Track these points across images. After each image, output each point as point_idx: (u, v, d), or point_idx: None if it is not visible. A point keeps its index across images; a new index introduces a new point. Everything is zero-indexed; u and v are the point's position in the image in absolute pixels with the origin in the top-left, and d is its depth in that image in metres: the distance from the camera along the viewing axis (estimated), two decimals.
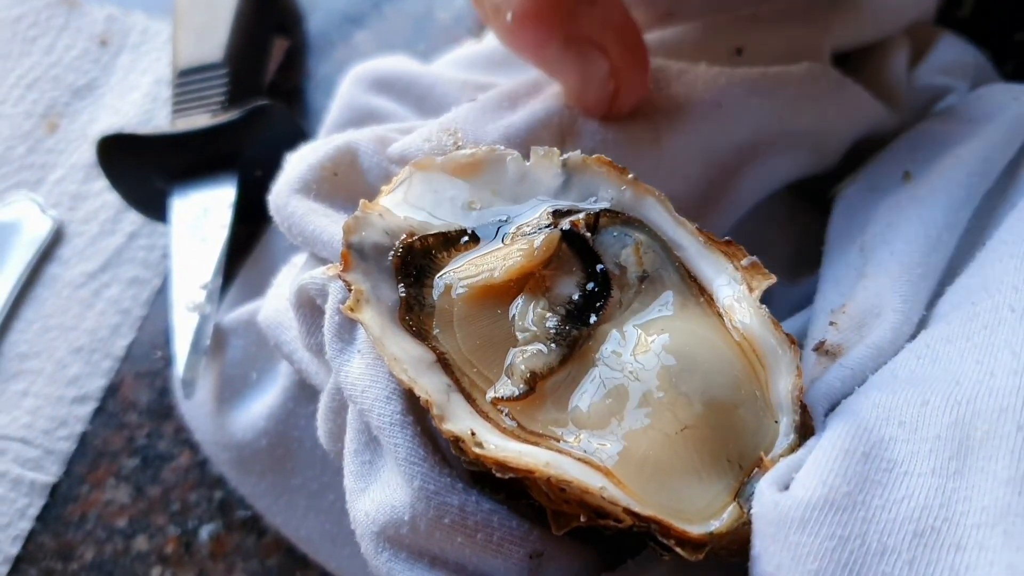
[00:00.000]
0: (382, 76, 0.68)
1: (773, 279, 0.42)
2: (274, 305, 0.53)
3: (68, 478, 0.64)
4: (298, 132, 0.68)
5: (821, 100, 0.52)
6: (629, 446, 0.38)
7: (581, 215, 0.44)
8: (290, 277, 0.54)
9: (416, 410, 0.41)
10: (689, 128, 0.50)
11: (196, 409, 0.60)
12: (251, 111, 0.64)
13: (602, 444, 0.38)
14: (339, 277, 0.42)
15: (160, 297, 0.70)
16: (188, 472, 0.63)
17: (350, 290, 0.41)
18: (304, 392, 0.56)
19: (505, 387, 0.40)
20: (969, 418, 0.36)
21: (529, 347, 0.41)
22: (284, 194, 0.49)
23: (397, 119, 0.65)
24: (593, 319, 0.42)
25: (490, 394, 0.40)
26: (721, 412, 0.39)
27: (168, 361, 0.66)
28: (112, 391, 0.66)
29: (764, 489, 0.37)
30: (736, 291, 0.42)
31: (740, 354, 0.41)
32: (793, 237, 0.56)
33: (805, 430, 0.39)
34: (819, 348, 0.43)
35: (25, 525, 0.62)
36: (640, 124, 0.50)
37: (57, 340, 0.68)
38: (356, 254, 0.42)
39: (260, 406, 0.58)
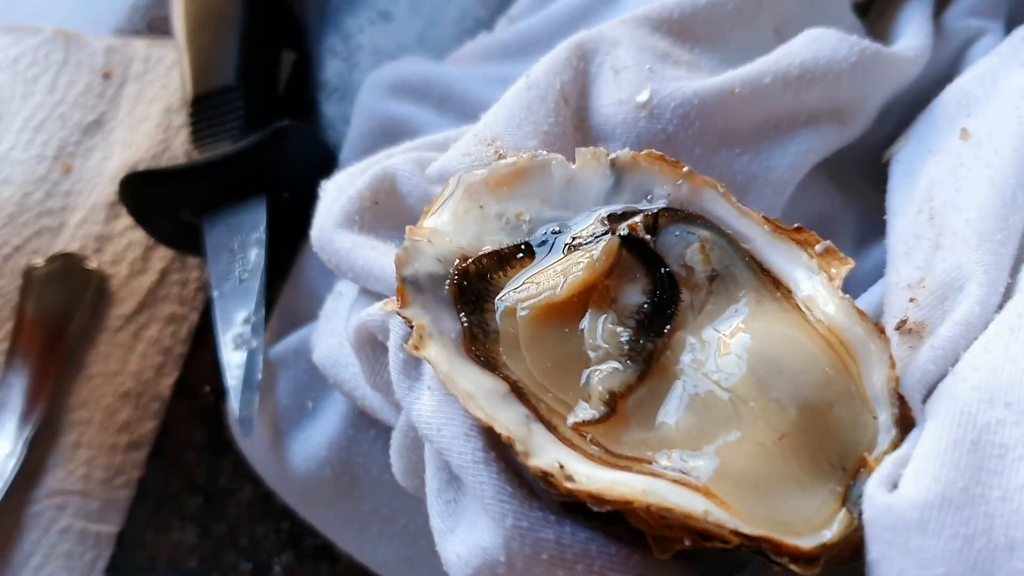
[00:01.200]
0: (399, 80, 0.67)
1: (852, 264, 0.41)
2: (326, 342, 0.52)
3: (132, 524, 0.64)
4: (322, 149, 0.68)
5: (832, 69, 0.50)
6: (725, 462, 0.37)
7: (639, 217, 0.43)
8: (337, 309, 0.54)
9: (497, 445, 0.40)
10: (703, 118, 0.49)
11: (255, 445, 0.60)
12: (273, 133, 0.63)
13: (696, 463, 0.37)
14: (398, 314, 0.41)
15: (200, 332, 0.69)
16: (253, 505, 0.63)
17: (411, 327, 0.40)
18: (364, 418, 0.56)
19: (584, 411, 0.39)
20: None
21: (604, 366, 0.40)
22: (327, 230, 0.49)
23: (420, 123, 0.65)
24: (667, 328, 0.41)
25: (571, 419, 0.39)
26: (816, 414, 0.38)
27: (217, 395, 0.66)
28: (165, 432, 0.66)
29: (873, 492, 0.36)
30: (815, 281, 0.41)
31: (827, 348, 0.40)
32: (852, 209, 0.54)
33: (905, 422, 0.38)
34: (901, 327, 0.42)
35: None
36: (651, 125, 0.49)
37: (102, 387, 0.67)
38: (412, 287, 0.42)
39: (320, 435, 0.58)
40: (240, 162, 0.63)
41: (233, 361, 0.60)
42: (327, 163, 0.65)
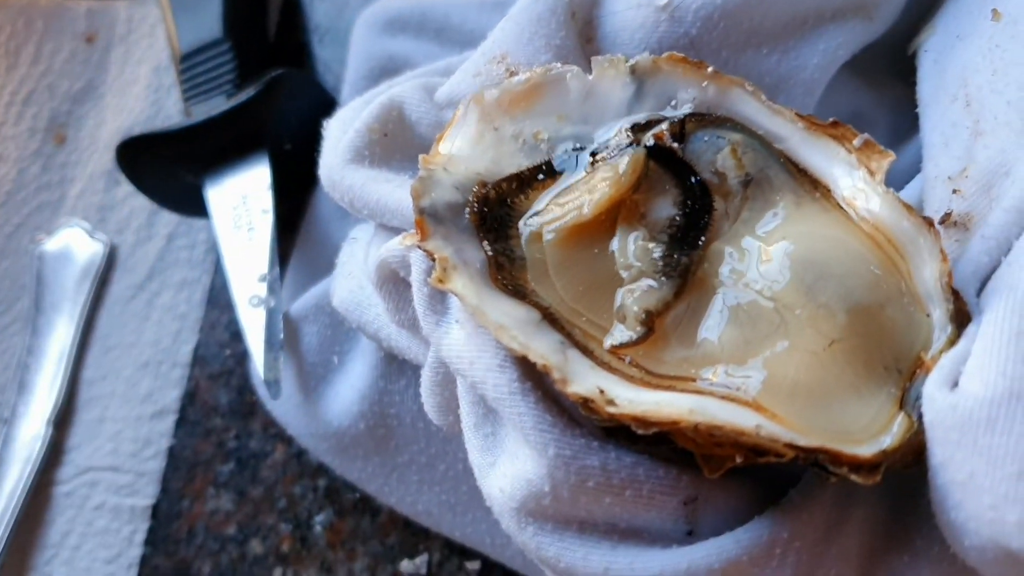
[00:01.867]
0: (392, 16, 0.65)
1: (893, 156, 0.39)
2: (346, 286, 0.52)
3: (167, 496, 0.64)
4: (320, 94, 0.66)
5: None
6: (774, 373, 0.36)
7: (664, 125, 0.42)
8: (353, 253, 0.53)
9: (533, 375, 0.39)
10: (727, 18, 0.47)
11: (284, 406, 0.60)
12: (268, 83, 0.62)
13: (744, 376, 0.37)
14: (419, 247, 0.40)
15: (214, 295, 0.69)
16: (286, 466, 0.63)
17: (433, 260, 0.40)
18: (392, 367, 0.56)
19: (621, 333, 0.39)
20: None
21: (637, 284, 0.39)
22: (337, 167, 0.48)
23: (420, 57, 0.63)
24: (701, 240, 0.40)
25: (607, 342, 0.39)
26: (867, 317, 0.37)
27: (239, 359, 0.66)
28: (189, 399, 0.67)
29: (934, 392, 0.35)
30: (856, 177, 0.40)
31: (874, 247, 0.39)
32: (883, 105, 0.53)
33: (961, 318, 0.37)
34: (946, 221, 0.41)
35: (135, 552, 0.63)
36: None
37: (120, 359, 0.68)
38: (431, 219, 0.41)
39: (349, 390, 0.57)
40: (237, 117, 0.63)
41: (253, 322, 0.59)
42: (327, 109, 0.63)
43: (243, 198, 0.63)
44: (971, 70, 0.45)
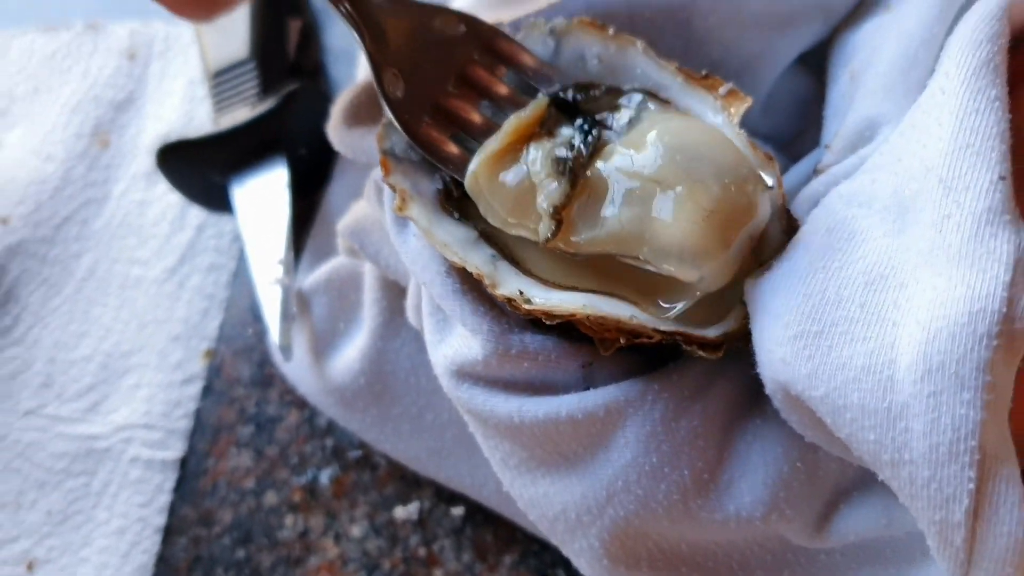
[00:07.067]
0: None
1: (750, 101, 0.50)
2: (355, 216, 0.62)
3: (195, 455, 0.72)
4: (330, 104, 0.79)
5: None
6: (664, 242, 0.46)
7: (570, 92, 0.53)
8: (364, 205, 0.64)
9: (470, 281, 0.51)
10: None
11: (297, 368, 0.69)
12: (286, 96, 0.73)
13: (654, 253, 0.46)
14: (384, 182, 0.52)
15: (237, 279, 0.79)
16: (299, 428, 0.72)
17: (394, 191, 0.51)
18: (389, 330, 0.64)
19: (543, 229, 0.49)
20: (905, 182, 0.41)
21: (546, 188, 0.49)
22: (340, 128, 0.60)
23: None
24: (593, 136, 0.50)
25: (539, 239, 0.50)
26: (735, 190, 0.46)
27: (260, 337, 0.75)
28: (216, 372, 0.76)
29: (748, 281, 0.47)
30: (718, 120, 0.50)
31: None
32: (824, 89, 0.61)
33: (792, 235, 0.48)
34: (816, 174, 0.51)
35: (165, 498, 0.71)
36: None
37: (155, 334, 0.77)
38: (392, 158, 0.52)
39: (352, 350, 0.65)
40: (259, 126, 0.74)
41: (270, 298, 0.70)
42: None
43: (264, 195, 0.74)
44: (859, 47, 0.55)
